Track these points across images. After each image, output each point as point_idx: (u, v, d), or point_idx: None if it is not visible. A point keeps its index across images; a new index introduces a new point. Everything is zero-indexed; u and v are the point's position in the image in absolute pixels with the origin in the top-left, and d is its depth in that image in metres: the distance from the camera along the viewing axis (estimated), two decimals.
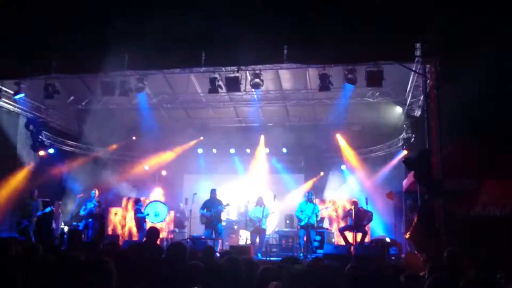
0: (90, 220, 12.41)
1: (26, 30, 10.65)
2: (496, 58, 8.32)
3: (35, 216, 11.85)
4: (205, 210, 12.07)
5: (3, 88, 12.68)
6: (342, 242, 11.79)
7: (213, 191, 12.38)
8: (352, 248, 10.38)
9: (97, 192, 12.98)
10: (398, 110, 13.80)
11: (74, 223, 13.17)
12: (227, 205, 12.24)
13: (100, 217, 11.55)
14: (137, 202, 13.86)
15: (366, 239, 11.60)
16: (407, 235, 10.17)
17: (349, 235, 11.77)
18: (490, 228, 8.18)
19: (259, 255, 11.44)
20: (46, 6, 10.39)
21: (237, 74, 11.40)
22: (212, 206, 12.06)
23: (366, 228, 11.88)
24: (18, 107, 13.67)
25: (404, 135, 13.38)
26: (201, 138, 16.81)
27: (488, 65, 8.30)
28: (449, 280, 3.17)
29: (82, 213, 12.66)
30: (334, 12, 9.31)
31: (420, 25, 9.34)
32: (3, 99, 12.89)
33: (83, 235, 9.43)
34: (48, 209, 12.25)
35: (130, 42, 10.07)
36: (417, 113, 12.27)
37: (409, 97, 12.52)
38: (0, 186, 12.75)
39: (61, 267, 3.49)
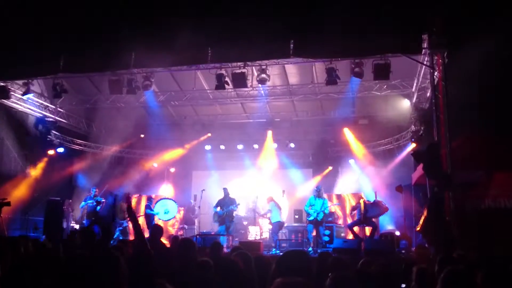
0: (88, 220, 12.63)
1: (34, 30, 10.70)
2: (506, 48, 8.20)
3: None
4: (218, 208, 12.51)
5: (12, 89, 12.78)
6: (351, 237, 11.75)
7: (225, 190, 12.85)
8: (362, 242, 10.35)
9: (97, 190, 13.12)
10: (406, 103, 13.68)
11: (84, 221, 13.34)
12: (238, 204, 12.73)
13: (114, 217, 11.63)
14: (149, 199, 14.00)
15: (376, 233, 11.56)
16: (417, 228, 10.12)
17: (358, 229, 11.73)
18: (501, 220, 8.10)
19: (273, 250, 11.45)
20: (53, 6, 10.43)
21: (243, 70, 11.37)
22: (225, 205, 12.54)
23: (375, 221, 11.84)
24: (27, 107, 13.79)
25: (412, 128, 13.28)
26: (209, 134, 16.84)
27: (498, 54, 8.19)
28: (464, 274, 3.15)
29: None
30: (339, 5, 9.23)
31: (427, 16, 9.23)
32: (12, 99, 13.00)
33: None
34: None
35: (136, 40, 10.10)
36: (425, 105, 12.17)
37: (417, 89, 12.43)
38: (11, 186, 12.88)
39: (70, 265, 3.52)
